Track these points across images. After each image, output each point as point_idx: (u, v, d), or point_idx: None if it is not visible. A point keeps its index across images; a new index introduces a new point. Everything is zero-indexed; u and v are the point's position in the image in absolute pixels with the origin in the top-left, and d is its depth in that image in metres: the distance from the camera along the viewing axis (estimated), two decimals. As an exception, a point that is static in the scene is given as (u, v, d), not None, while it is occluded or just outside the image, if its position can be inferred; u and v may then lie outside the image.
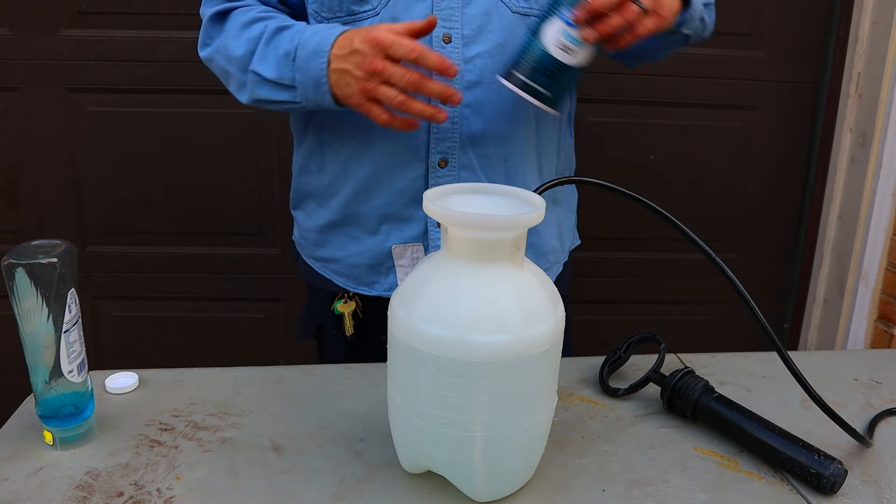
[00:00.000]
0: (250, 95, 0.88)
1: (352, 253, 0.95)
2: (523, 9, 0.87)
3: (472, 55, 0.86)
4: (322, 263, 0.99)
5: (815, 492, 0.65)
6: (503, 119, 0.89)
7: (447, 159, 0.88)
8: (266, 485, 0.64)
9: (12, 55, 1.68)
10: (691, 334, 1.97)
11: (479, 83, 0.87)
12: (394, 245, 0.92)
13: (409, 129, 0.80)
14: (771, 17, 1.79)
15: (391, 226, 0.92)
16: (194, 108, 1.73)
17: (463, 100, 0.86)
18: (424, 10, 0.84)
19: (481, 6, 0.86)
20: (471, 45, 0.86)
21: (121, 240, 1.83)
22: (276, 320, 1.90)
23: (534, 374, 0.59)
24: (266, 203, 1.82)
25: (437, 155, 0.88)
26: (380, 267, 0.94)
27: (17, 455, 0.68)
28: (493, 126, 0.89)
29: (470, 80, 0.86)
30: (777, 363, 0.69)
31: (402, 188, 0.90)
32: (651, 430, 0.75)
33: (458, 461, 0.61)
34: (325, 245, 0.98)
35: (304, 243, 1.02)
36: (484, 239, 0.57)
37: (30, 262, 0.62)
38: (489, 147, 0.89)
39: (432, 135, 0.87)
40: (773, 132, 1.88)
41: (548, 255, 1.00)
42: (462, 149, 0.88)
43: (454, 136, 0.88)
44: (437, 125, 0.86)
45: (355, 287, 0.97)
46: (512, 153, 0.91)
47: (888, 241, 1.78)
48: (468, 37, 0.86)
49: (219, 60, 0.89)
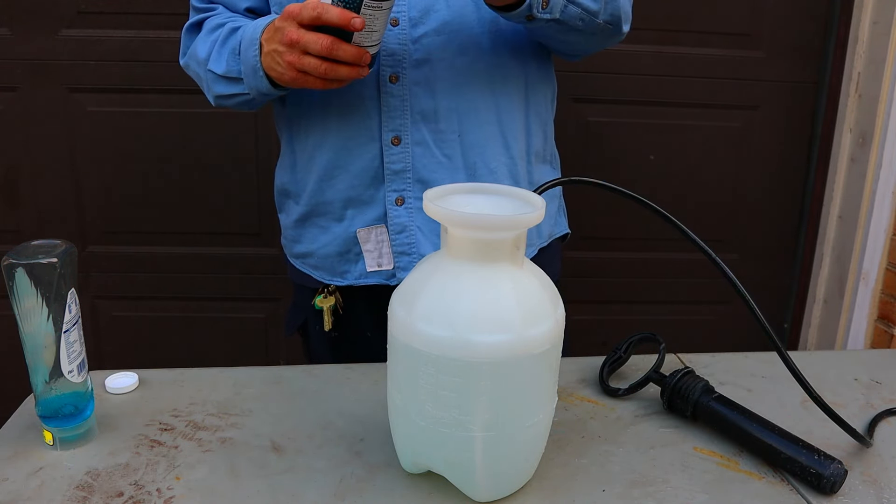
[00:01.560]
0: (211, 93, 0.93)
1: (323, 244, 0.97)
2: None
3: (418, 35, 0.88)
4: (300, 260, 1.02)
5: (815, 492, 0.65)
6: (454, 94, 0.90)
7: (400, 137, 0.90)
8: (266, 485, 0.64)
9: (12, 55, 1.68)
10: (691, 334, 1.97)
11: (427, 60, 0.89)
12: (358, 229, 0.94)
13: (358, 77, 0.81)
14: (771, 17, 1.79)
15: (355, 210, 0.94)
16: (194, 108, 1.73)
17: (412, 77, 0.89)
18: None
19: None
20: (417, 26, 0.88)
21: (121, 240, 1.83)
22: (276, 320, 1.90)
23: (534, 374, 0.59)
24: (266, 203, 1.82)
25: (389, 133, 0.90)
26: (348, 254, 0.96)
27: (17, 455, 0.68)
28: (444, 101, 0.90)
29: (418, 59, 0.88)
30: (777, 363, 0.69)
31: (361, 170, 0.92)
32: (651, 430, 0.75)
33: (458, 461, 0.61)
34: (300, 240, 1.01)
35: (286, 242, 1.06)
36: (484, 239, 0.57)
37: (30, 262, 0.62)
38: (441, 122, 0.91)
39: (383, 113, 0.89)
40: (773, 132, 1.88)
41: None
42: (414, 125, 0.90)
43: (405, 113, 0.89)
44: (387, 103, 0.89)
45: (330, 279, 0.99)
46: (467, 129, 0.92)
47: (888, 241, 1.78)
48: (415, 18, 0.88)
49: (192, 65, 0.95)
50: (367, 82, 0.88)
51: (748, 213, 1.93)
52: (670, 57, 1.79)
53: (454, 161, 0.92)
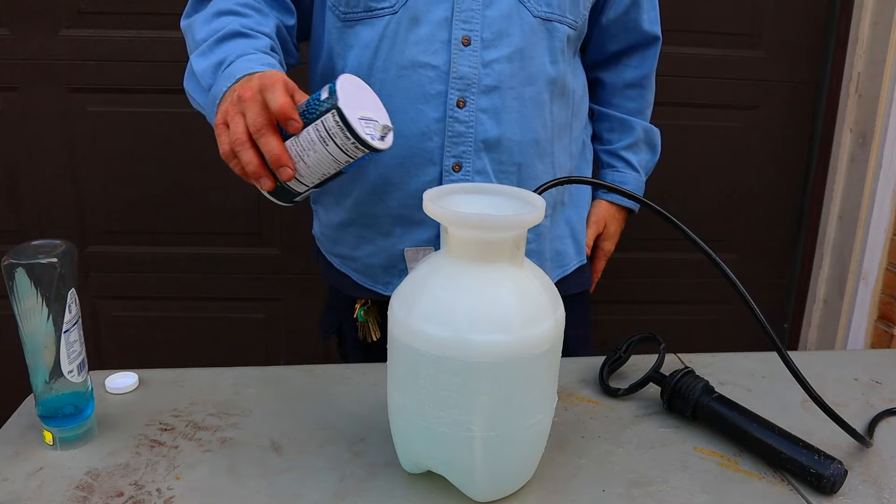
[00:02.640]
0: (185, 80, 0.85)
1: (366, 253, 0.95)
2: (545, 13, 0.87)
3: (490, 59, 0.85)
4: (341, 260, 1.00)
5: (815, 492, 0.65)
6: (519, 126, 0.88)
7: (461, 163, 0.88)
8: (266, 485, 0.64)
9: (12, 55, 1.68)
10: (691, 334, 1.97)
11: (497, 88, 0.86)
12: (406, 247, 0.92)
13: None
14: (771, 17, 1.79)
15: (404, 228, 0.92)
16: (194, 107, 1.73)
17: (479, 104, 0.86)
18: (445, 11, 0.84)
19: (503, 9, 0.84)
20: (490, 49, 0.85)
21: (121, 240, 1.83)
22: (276, 320, 1.90)
23: (534, 374, 0.59)
24: (266, 203, 1.81)
25: (451, 159, 0.88)
26: (393, 269, 0.95)
27: (17, 455, 0.68)
28: (509, 132, 0.88)
29: (487, 85, 0.86)
30: (777, 363, 0.69)
31: (416, 190, 0.89)
32: (651, 430, 0.75)
33: (458, 461, 0.61)
34: (340, 242, 0.98)
35: (323, 238, 1.03)
36: (484, 239, 0.57)
37: (30, 262, 0.62)
38: (503, 153, 0.89)
39: (447, 138, 0.87)
40: (773, 132, 1.88)
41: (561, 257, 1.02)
42: (476, 153, 0.88)
43: (469, 140, 0.87)
44: (453, 128, 0.86)
45: (372, 285, 0.97)
46: (526, 160, 0.90)
47: (888, 241, 1.78)
48: (487, 40, 0.85)
49: (187, 36, 0.87)
50: (433, 103, 0.85)
51: (748, 213, 1.93)
52: (670, 57, 1.78)
53: None
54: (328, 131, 0.63)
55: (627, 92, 1.08)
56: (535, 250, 0.96)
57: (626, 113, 1.09)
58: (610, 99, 1.09)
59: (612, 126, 1.09)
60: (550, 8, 0.87)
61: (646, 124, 1.11)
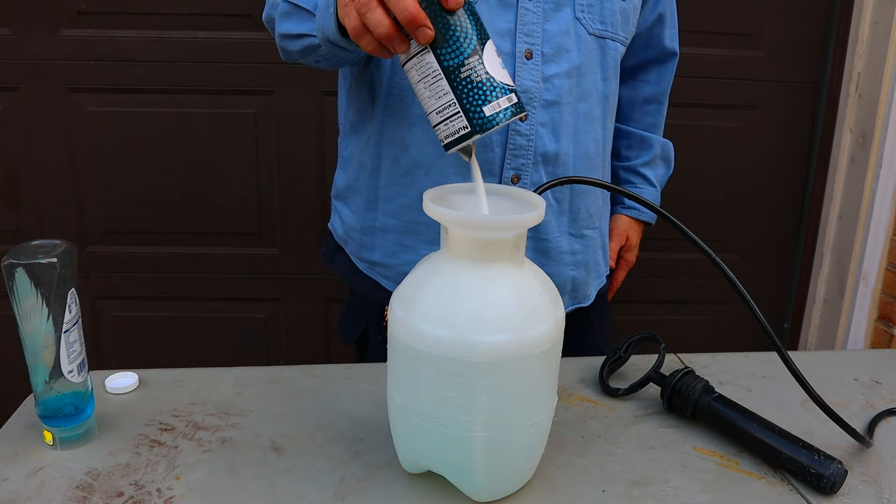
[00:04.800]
0: (278, 33, 0.84)
1: (405, 262, 0.93)
2: (599, 31, 0.88)
3: (550, 74, 0.86)
4: (369, 265, 0.97)
5: (815, 492, 0.65)
6: (573, 141, 0.90)
7: (520, 175, 0.88)
8: (266, 485, 0.64)
9: (12, 55, 1.68)
10: (691, 334, 1.97)
11: (556, 103, 0.87)
12: None
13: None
14: (771, 17, 1.79)
15: None
16: (194, 108, 1.73)
17: (539, 118, 0.87)
18: (508, 23, 0.84)
19: (561, 24, 0.85)
20: (550, 64, 0.86)
21: (121, 240, 1.83)
22: (276, 320, 1.90)
23: (534, 374, 0.59)
24: (266, 203, 1.82)
25: (510, 171, 0.88)
26: None
27: (17, 455, 0.68)
28: (565, 147, 0.89)
29: (547, 100, 0.86)
30: (777, 363, 0.69)
31: None
32: (651, 430, 0.75)
33: (458, 461, 0.61)
34: (373, 248, 0.96)
35: (350, 241, 0.99)
36: (484, 239, 0.57)
37: (30, 262, 0.62)
38: (559, 167, 0.90)
39: (508, 151, 0.87)
40: (773, 132, 1.88)
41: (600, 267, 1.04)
42: (535, 166, 0.88)
43: (528, 153, 0.88)
44: (514, 141, 0.87)
45: None
46: (578, 175, 0.91)
47: (888, 241, 1.78)
48: (548, 55, 0.85)
49: (267, 5, 0.86)
50: None
51: (748, 213, 1.93)
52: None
53: (562, 205, 0.93)
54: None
55: (646, 108, 1.10)
56: (582, 261, 0.98)
57: (643, 128, 1.10)
58: (630, 114, 1.10)
59: (631, 143, 1.11)
60: (604, 26, 0.88)
61: (662, 140, 1.12)
